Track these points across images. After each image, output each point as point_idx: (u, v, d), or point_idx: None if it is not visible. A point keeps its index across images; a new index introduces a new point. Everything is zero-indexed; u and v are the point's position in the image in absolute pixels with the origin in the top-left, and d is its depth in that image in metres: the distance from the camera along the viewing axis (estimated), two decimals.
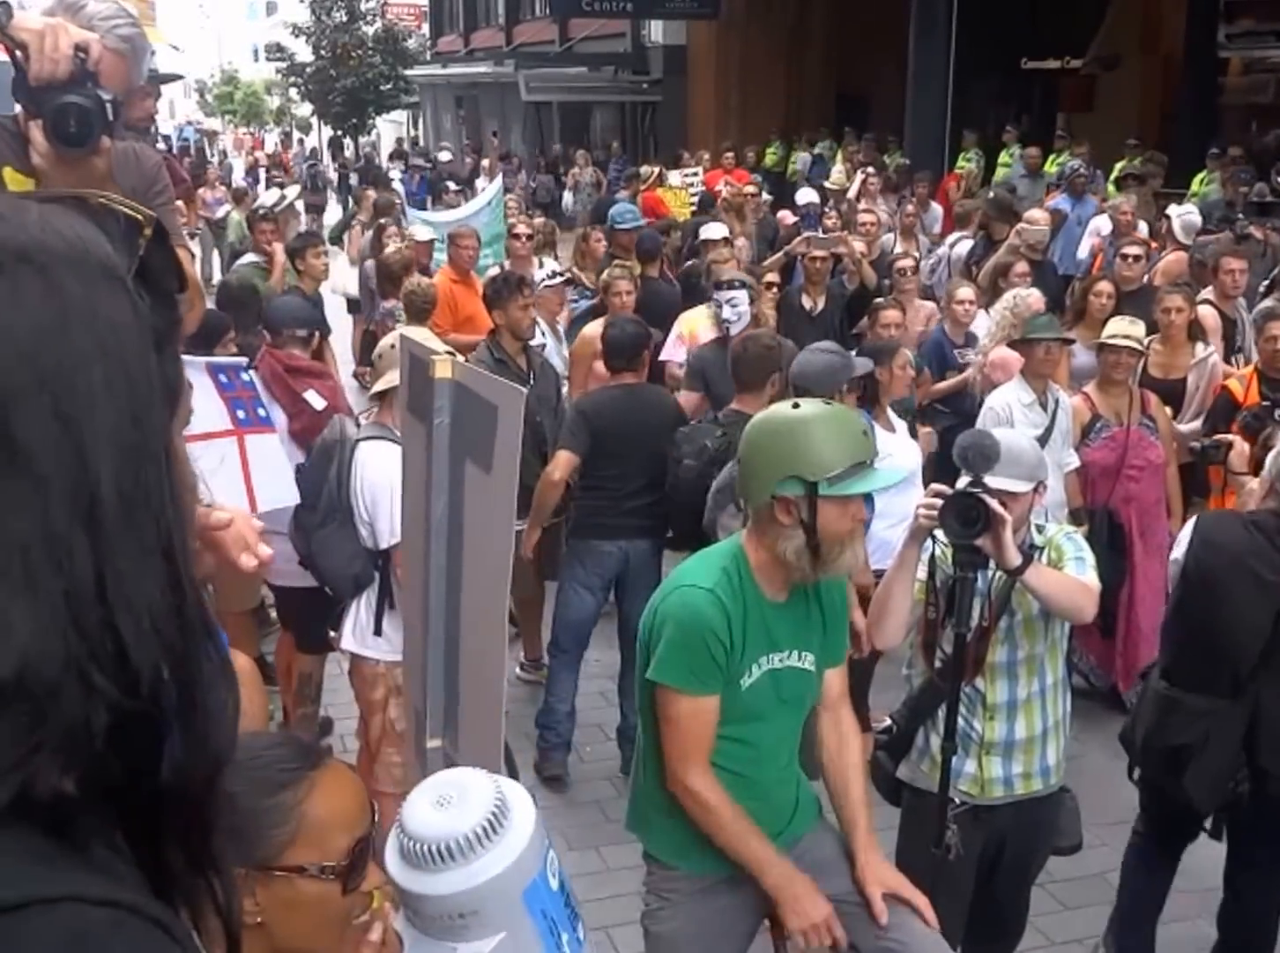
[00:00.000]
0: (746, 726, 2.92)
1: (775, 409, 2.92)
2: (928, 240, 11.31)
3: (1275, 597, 3.57)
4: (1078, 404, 5.77)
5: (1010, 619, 3.48)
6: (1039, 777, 3.60)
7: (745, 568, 2.91)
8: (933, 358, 7.00)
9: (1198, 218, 8.96)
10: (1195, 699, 3.70)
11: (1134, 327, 5.84)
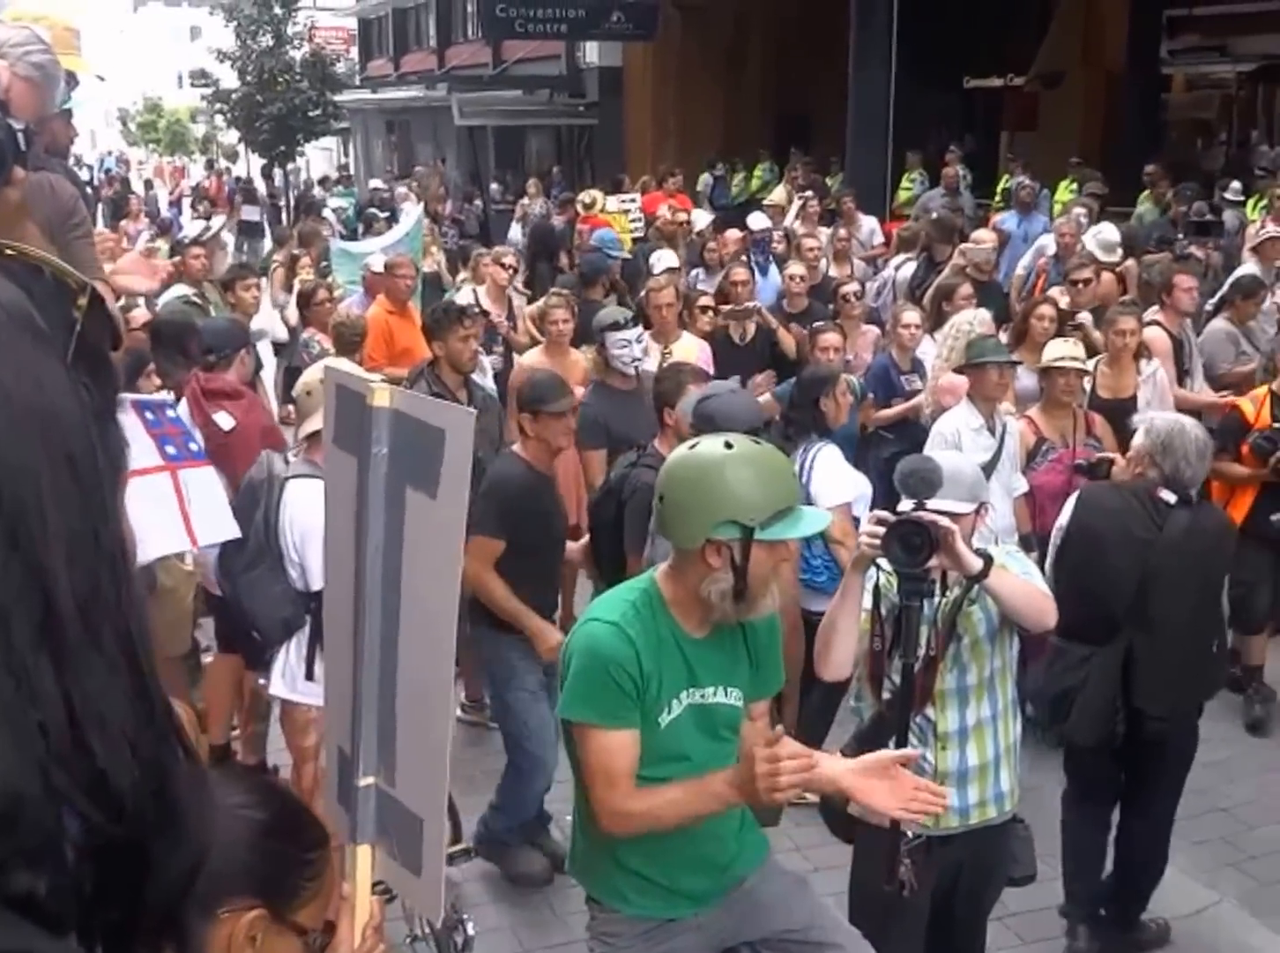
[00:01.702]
0: (673, 765, 2.84)
1: (705, 448, 2.82)
2: (862, 262, 11.28)
3: (1144, 551, 4.17)
4: (1022, 428, 5.74)
5: (958, 644, 3.44)
6: (993, 803, 3.56)
7: (659, 603, 2.85)
8: (879, 383, 6.95)
9: (1114, 235, 8.98)
10: (1077, 646, 4.18)
11: (1075, 347, 5.82)
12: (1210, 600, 4.42)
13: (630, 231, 12.16)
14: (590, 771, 2.82)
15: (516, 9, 20.81)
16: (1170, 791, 4.47)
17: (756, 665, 2.98)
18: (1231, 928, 4.72)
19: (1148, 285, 7.91)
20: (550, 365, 6.84)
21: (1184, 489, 4.26)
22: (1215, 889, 4.91)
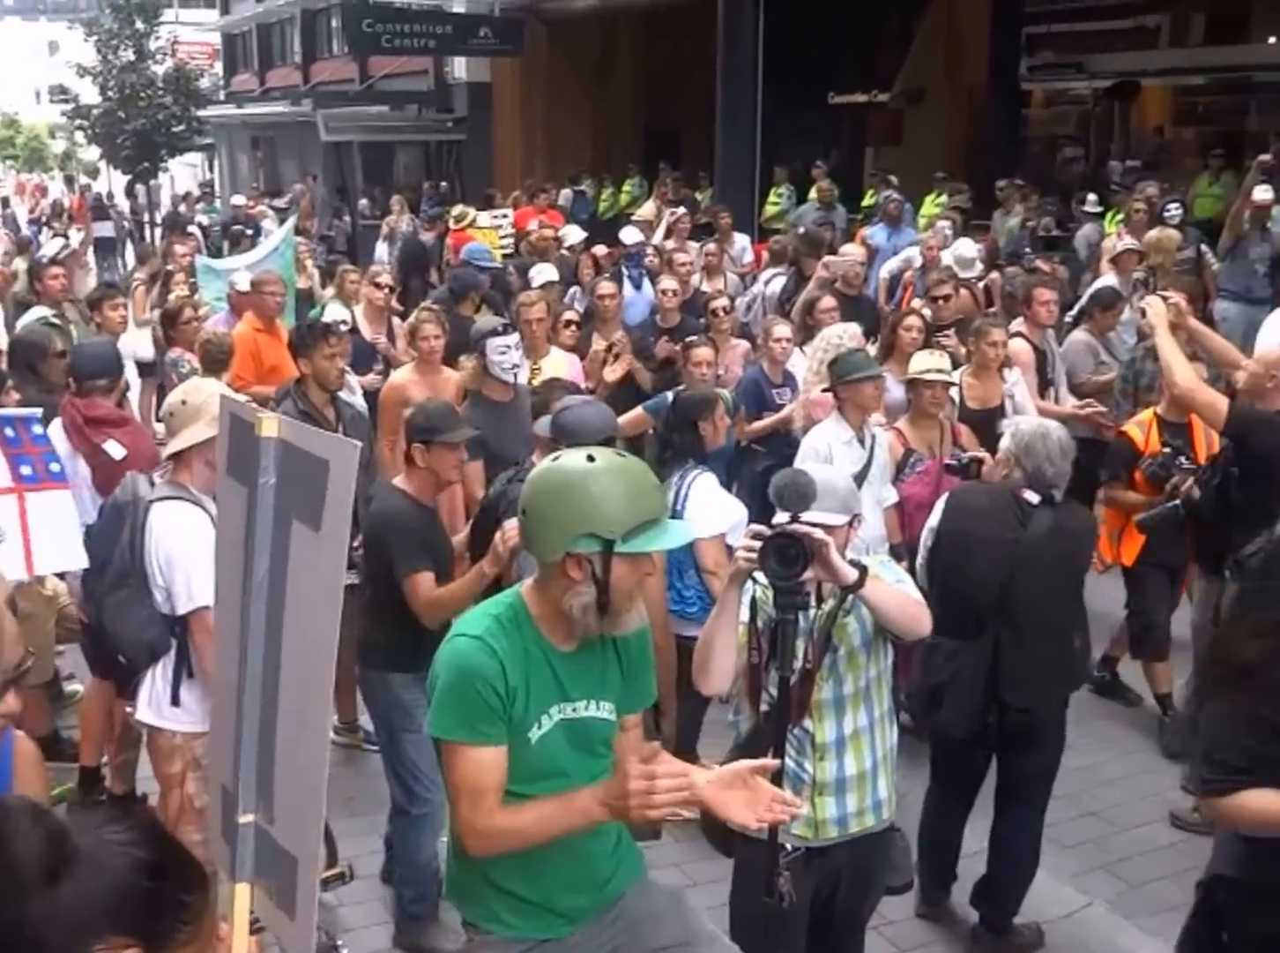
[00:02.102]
0: (545, 782, 2.79)
1: (567, 461, 2.78)
2: (735, 276, 11.36)
3: (1009, 551, 4.32)
4: (891, 440, 5.80)
5: (833, 655, 3.46)
6: (872, 812, 3.58)
7: (525, 617, 2.81)
8: (750, 397, 6.99)
9: (970, 251, 9.17)
10: (948, 642, 4.28)
11: (941, 360, 5.91)
12: (1072, 597, 4.55)
13: (501, 247, 12.09)
14: (456, 789, 2.77)
15: (383, 25, 20.61)
16: (1039, 786, 4.59)
17: (628, 678, 2.95)
18: (1102, 930, 4.80)
19: (1010, 298, 8.10)
20: (421, 382, 6.76)
21: (1047, 489, 4.41)
22: (1086, 892, 5.00)
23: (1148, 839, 5.32)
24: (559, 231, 12.39)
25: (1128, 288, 8.54)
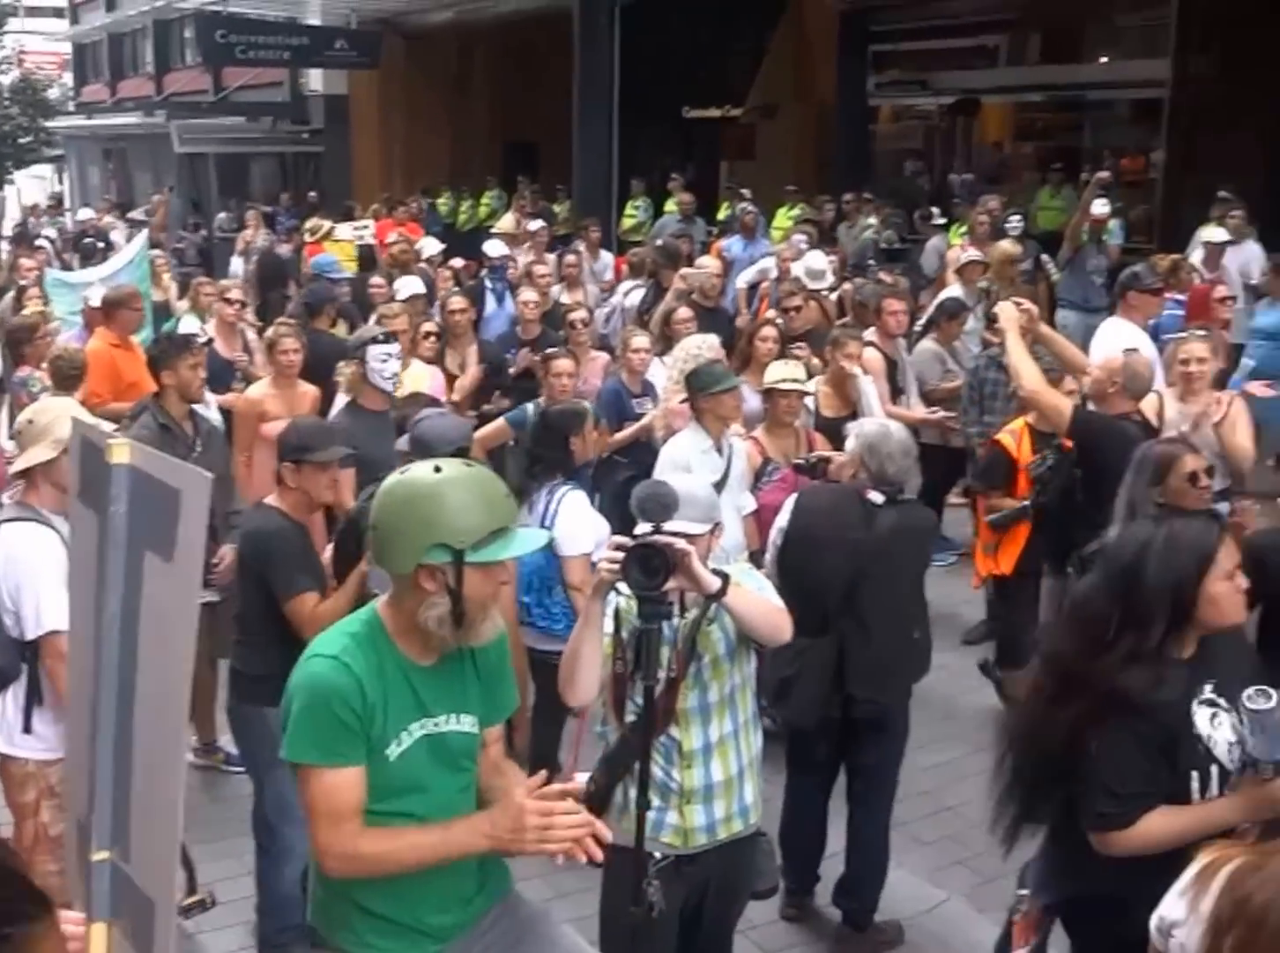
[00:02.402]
0: (406, 798, 2.77)
1: (414, 473, 2.77)
2: (596, 289, 11.42)
3: (855, 550, 4.46)
4: (749, 448, 5.90)
5: (698, 663, 3.49)
6: (739, 817, 3.62)
7: (382, 633, 2.79)
8: (611, 408, 7.03)
9: (821, 263, 9.38)
10: (798, 639, 4.15)
11: (796, 369, 6.03)
12: (914, 593, 4.73)
13: (355, 258, 11.98)
14: (315, 812, 2.73)
15: (237, 35, 20.26)
16: (886, 774, 4.75)
17: (488, 690, 2.94)
18: (960, 924, 4.91)
19: (862, 308, 8.31)
20: (279, 397, 6.68)
21: (891, 488, 4.59)
22: (944, 887, 5.12)
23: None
24: (416, 244, 12.33)
25: (972, 298, 8.81)
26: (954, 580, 7.01)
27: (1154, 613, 2.95)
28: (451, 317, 8.12)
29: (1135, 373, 5.47)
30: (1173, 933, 2.39)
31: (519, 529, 2.83)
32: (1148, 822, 2.91)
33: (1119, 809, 2.91)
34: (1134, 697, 2.90)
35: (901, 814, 5.05)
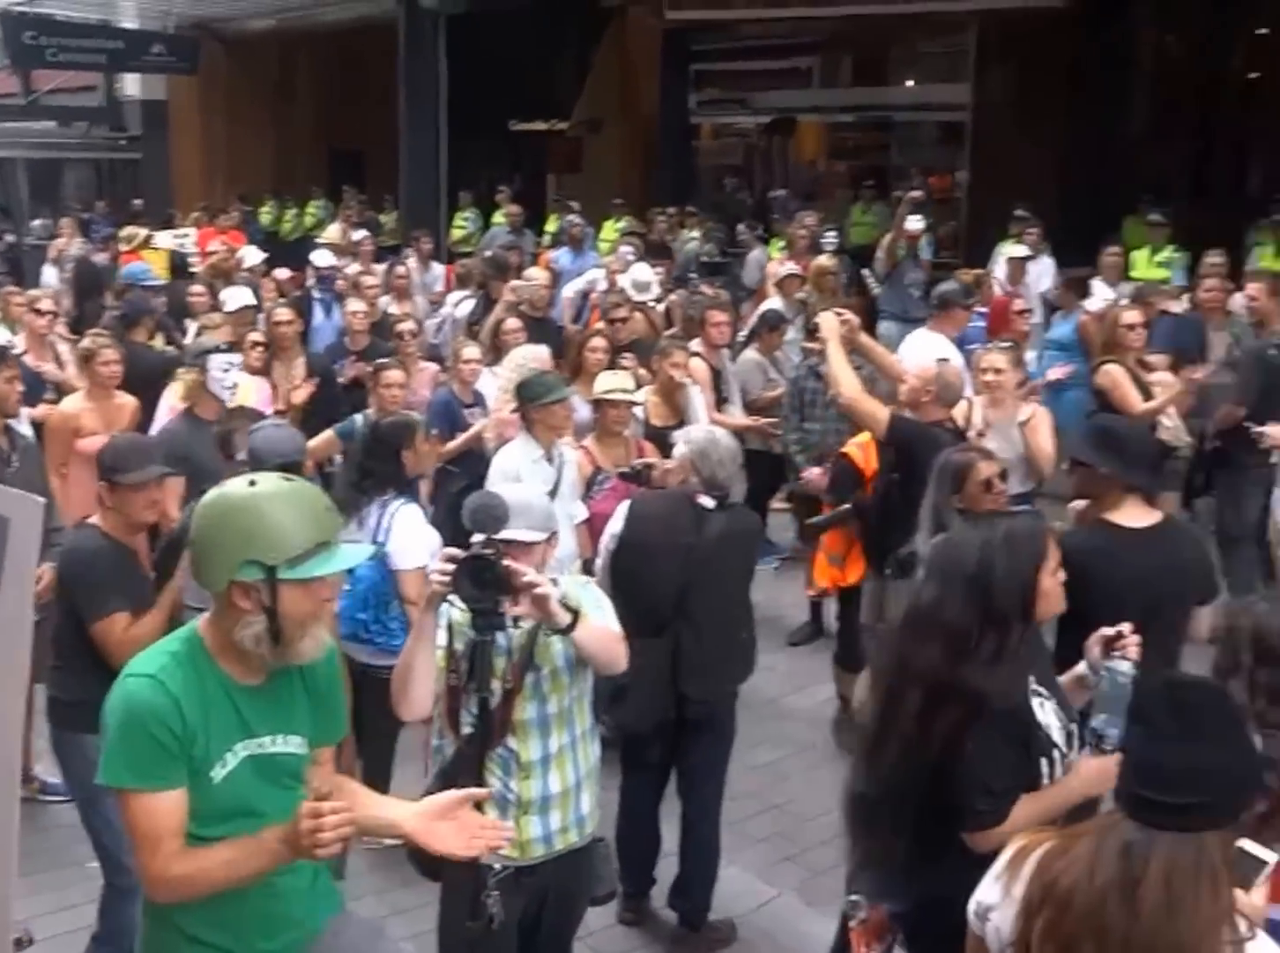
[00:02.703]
0: (232, 823, 2.69)
1: (229, 487, 2.71)
2: (424, 301, 11.35)
3: (688, 554, 4.60)
4: (580, 458, 5.95)
5: (536, 674, 3.51)
6: (575, 828, 3.64)
7: (202, 652, 2.71)
8: (442, 418, 7.01)
9: (647, 275, 9.52)
10: (633, 642, 4.24)
11: (625, 379, 6.11)
12: (741, 595, 4.89)
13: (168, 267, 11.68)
14: (135, 837, 2.65)
15: (47, 37, 19.47)
16: (716, 771, 4.88)
17: (319, 710, 2.87)
18: (791, 919, 5.04)
19: (690, 320, 8.46)
20: (95, 410, 6.48)
21: (720, 492, 4.73)
22: (774, 884, 5.24)
23: (828, 828, 5.59)
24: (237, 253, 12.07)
25: (792, 311, 9.05)
26: (779, 583, 7.19)
27: (1010, 613, 3.04)
28: (277, 328, 7.95)
29: (947, 382, 5.69)
30: (988, 917, 2.46)
31: (342, 545, 2.78)
32: (1015, 813, 2.99)
33: (994, 806, 2.98)
34: (1001, 698, 2.99)
35: (731, 813, 5.15)
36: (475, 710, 3.35)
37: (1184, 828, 2.17)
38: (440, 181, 17.24)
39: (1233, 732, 2.26)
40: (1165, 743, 2.21)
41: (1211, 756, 2.19)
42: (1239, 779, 2.25)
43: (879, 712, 3.10)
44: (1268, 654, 2.88)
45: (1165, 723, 2.22)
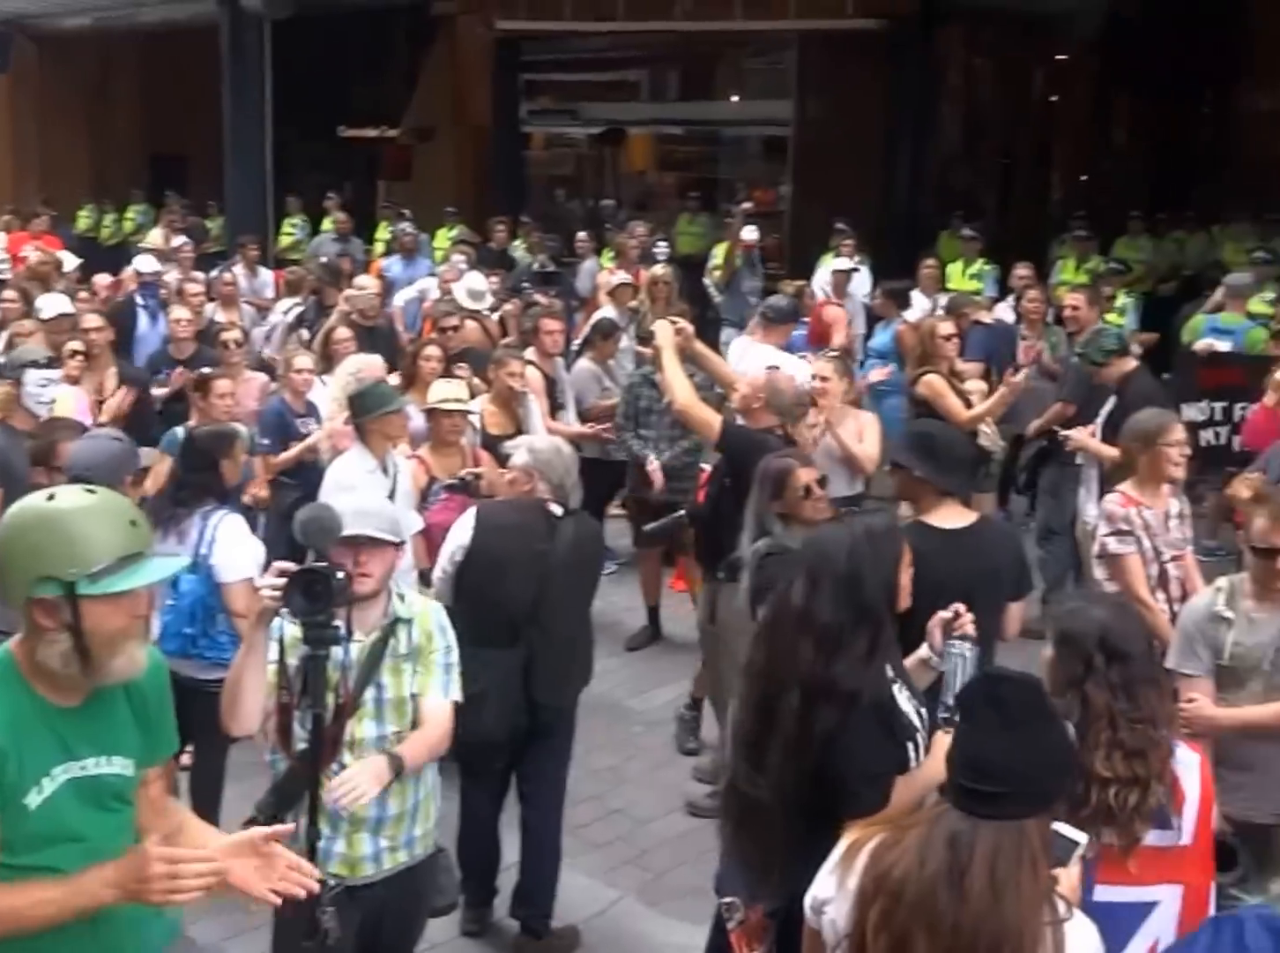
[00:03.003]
0: (51, 849, 2.55)
1: (27, 502, 2.59)
2: (252, 309, 11.11)
3: (543, 562, 4.64)
4: (414, 468, 5.92)
5: (379, 693, 3.50)
6: (405, 849, 3.63)
7: (15, 674, 2.58)
8: (274, 428, 6.90)
9: (480, 284, 9.53)
10: (484, 651, 4.44)
11: (459, 388, 6.10)
12: (585, 601, 4.98)
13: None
14: None
15: None
16: (559, 775, 4.93)
17: (145, 729, 2.75)
18: (633, 921, 5.10)
19: (525, 329, 8.49)
20: None
21: (566, 500, 4.79)
22: (616, 887, 5.29)
23: (668, 830, 5.71)
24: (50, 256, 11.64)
25: (624, 319, 9.16)
26: (615, 589, 7.26)
27: (880, 609, 3.17)
28: (86, 336, 7.67)
29: (777, 389, 5.83)
30: (824, 911, 2.54)
31: (153, 557, 2.67)
32: (894, 796, 3.10)
33: (876, 792, 3.07)
34: (875, 691, 3.12)
35: (572, 819, 5.19)
36: (309, 727, 3.28)
37: (1005, 816, 2.29)
38: (267, 187, 16.92)
39: (1048, 724, 2.40)
40: (986, 736, 2.33)
41: (1029, 747, 2.32)
42: (1055, 768, 2.39)
43: (757, 714, 3.16)
44: (1115, 653, 3.00)
45: (985, 717, 2.35)
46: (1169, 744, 3.04)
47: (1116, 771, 2.93)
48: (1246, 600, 4.11)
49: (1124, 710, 2.97)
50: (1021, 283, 10.21)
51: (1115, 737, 2.95)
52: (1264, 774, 3.94)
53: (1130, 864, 2.96)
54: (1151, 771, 2.94)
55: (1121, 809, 2.92)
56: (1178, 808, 3.00)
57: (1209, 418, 7.92)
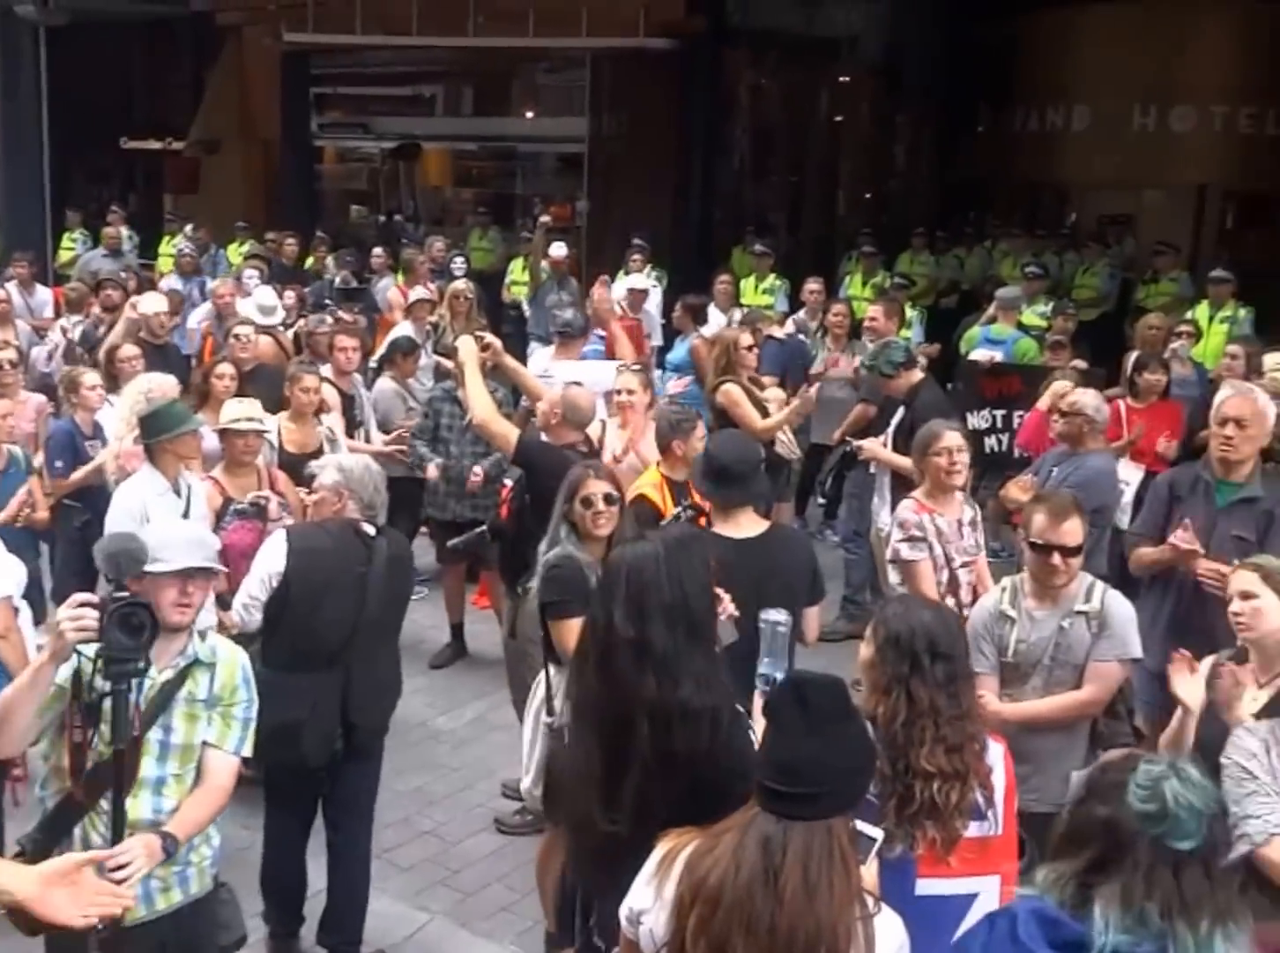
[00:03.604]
0: None
1: None
2: (28, 327, 10.61)
3: (362, 582, 4.56)
4: (208, 489, 5.75)
5: (166, 735, 3.43)
6: (178, 888, 3.57)
7: None
8: (63, 451, 6.63)
9: (271, 299, 9.31)
10: (299, 678, 4.45)
11: (252, 407, 5.96)
12: (399, 620, 4.92)
13: None
14: None
15: None
16: (367, 803, 4.85)
17: None
18: (444, 943, 5.05)
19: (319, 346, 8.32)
20: None
21: (375, 519, 4.73)
22: (427, 909, 5.23)
23: (478, 849, 5.68)
24: None
25: (422, 335, 9.09)
26: (419, 606, 7.15)
27: (710, 622, 3.21)
28: None
29: (575, 405, 5.87)
30: (640, 921, 2.57)
31: None
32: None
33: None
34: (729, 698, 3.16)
35: (380, 842, 5.14)
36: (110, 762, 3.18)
37: (814, 817, 2.36)
38: (45, 201, 16.24)
39: (851, 725, 2.48)
40: (793, 739, 2.40)
41: (835, 749, 2.40)
42: (859, 769, 2.48)
43: (605, 751, 3.09)
44: (939, 653, 3.14)
45: (792, 721, 2.42)
46: (983, 738, 3.19)
47: (940, 765, 3.07)
48: (1028, 599, 4.33)
49: (946, 707, 3.11)
50: (813, 297, 10.53)
51: (938, 733, 3.10)
52: (1045, 766, 4.15)
53: (951, 858, 3.09)
54: (969, 765, 3.09)
55: (945, 804, 3.05)
56: (990, 799, 3.15)
57: (991, 425, 8.27)
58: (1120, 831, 2.15)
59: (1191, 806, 2.12)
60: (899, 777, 3.09)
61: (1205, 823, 2.13)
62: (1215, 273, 10.79)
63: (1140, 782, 2.16)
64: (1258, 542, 4.93)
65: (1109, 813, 2.18)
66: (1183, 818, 2.11)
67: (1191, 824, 2.11)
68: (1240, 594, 3.89)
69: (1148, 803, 2.14)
